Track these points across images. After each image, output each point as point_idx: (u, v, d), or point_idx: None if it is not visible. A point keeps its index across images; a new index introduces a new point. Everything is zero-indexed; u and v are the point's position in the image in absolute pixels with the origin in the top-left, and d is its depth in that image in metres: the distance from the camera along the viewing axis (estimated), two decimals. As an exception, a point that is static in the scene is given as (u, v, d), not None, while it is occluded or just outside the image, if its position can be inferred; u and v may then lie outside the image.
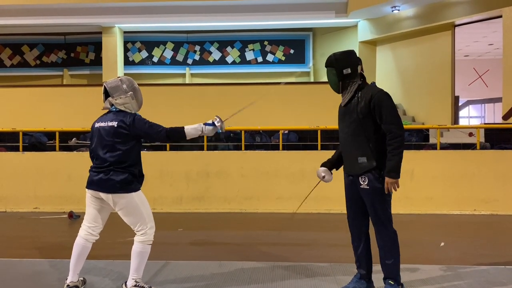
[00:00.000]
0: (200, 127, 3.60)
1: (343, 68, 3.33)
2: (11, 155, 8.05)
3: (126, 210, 3.50)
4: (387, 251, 3.31)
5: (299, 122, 9.06)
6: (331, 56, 3.44)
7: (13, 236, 5.89)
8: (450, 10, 10.91)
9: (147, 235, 3.49)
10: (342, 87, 3.38)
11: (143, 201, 3.57)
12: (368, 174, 3.26)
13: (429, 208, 7.21)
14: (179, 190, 7.66)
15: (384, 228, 3.31)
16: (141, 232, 3.49)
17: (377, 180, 3.25)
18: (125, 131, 3.48)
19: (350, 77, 3.35)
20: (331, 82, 3.42)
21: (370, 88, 3.35)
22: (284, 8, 12.55)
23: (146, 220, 3.52)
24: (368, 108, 3.25)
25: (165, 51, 14.62)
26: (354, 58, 3.40)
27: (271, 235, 5.77)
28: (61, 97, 10.67)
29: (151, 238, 3.51)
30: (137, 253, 3.47)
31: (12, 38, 14.74)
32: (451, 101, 11.24)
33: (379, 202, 3.28)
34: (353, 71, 3.34)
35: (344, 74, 3.33)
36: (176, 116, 9.89)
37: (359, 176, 3.31)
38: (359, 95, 3.32)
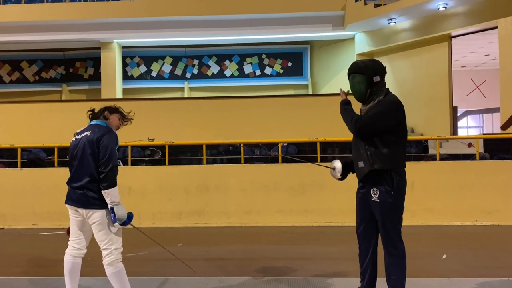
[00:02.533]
0: (116, 202, 3.26)
1: (373, 75, 3.19)
2: (9, 172, 8.01)
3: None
4: (393, 267, 3.24)
5: (298, 135, 9.07)
6: (358, 63, 3.30)
7: (12, 253, 5.82)
8: (446, 21, 11.02)
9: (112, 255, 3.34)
10: (370, 95, 3.23)
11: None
12: (380, 186, 3.17)
13: (430, 219, 7.17)
14: (178, 204, 7.62)
15: (393, 244, 3.22)
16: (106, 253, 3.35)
17: (389, 194, 3.15)
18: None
19: (379, 86, 3.22)
20: (357, 90, 3.25)
21: (389, 96, 3.23)
22: (281, 22, 12.68)
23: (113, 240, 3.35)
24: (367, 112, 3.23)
25: (164, 66, 14.70)
26: (382, 66, 3.28)
27: (271, 249, 5.72)
28: (60, 113, 10.69)
29: (119, 256, 3.37)
30: (113, 275, 3.34)
31: (11, 55, 14.84)
32: (449, 111, 11.28)
33: (389, 217, 3.20)
34: (381, 79, 3.23)
35: (374, 82, 3.19)
36: (175, 130, 9.91)
37: (371, 188, 3.23)
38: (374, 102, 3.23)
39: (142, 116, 11.45)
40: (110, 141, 3.33)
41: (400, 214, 3.24)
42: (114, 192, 3.25)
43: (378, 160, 3.14)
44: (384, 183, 3.17)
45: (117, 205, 3.25)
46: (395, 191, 3.16)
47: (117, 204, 3.25)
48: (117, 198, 3.26)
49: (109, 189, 3.22)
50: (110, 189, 3.23)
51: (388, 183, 3.17)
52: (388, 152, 3.15)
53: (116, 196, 3.26)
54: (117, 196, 3.26)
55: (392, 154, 3.16)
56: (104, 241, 3.34)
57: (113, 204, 3.24)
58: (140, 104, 11.18)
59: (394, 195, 3.16)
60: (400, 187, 3.20)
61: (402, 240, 3.27)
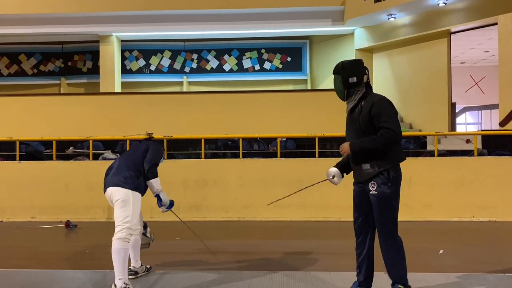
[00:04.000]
0: (160, 189, 4.13)
1: (349, 76, 3.39)
2: (7, 165, 8.01)
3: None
4: (392, 258, 3.35)
5: (296, 130, 9.07)
6: (338, 64, 3.49)
7: (10, 246, 5.83)
8: (446, 17, 11.00)
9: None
10: (347, 95, 3.44)
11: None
12: (376, 179, 3.29)
13: (427, 215, 7.20)
14: (176, 198, 7.47)
15: (390, 235, 3.33)
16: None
17: (385, 185, 3.28)
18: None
19: (355, 86, 3.40)
20: (337, 89, 3.48)
21: (372, 97, 3.39)
22: (281, 16, 12.63)
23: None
24: (369, 116, 3.30)
25: (163, 60, 14.66)
26: (361, 67, 3.45)
27: (269, 244, 5.74)
28: (59, 106, 10.66)
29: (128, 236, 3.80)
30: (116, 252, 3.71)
31: (9, 47, 14.76)
32: (448, 108, 11.28)
33: (386, 208, 3.30)
34: (358, 80, 3.39)
35: (350, 82, 3.39)
36: (173, 124, 9.90)
37: (368, 182, 3.33)
38: (362, 104, 3.37)
39: (140, 110, 11.51)
40: (159, 150, 4.30)
41: (397, 205, 3.35)
42: (156, 182, 4.07)
43: (384, 162, 3.28)
44: (381, 176, 3.29)
45: (161, 192, 4.08)
46: (392, 181, 3.29)
47: (161, 191, 4.09)
48: (159, 187, 4.08)
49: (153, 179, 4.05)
50: (154, 179, 4.05)
51: (385, 176, 3.29)
52: (391, 152, 3.29)
53: (159, 186, 4.09)
54: (159, 186, 4.09)
55: (393, 153, 3.31)
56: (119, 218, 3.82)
57: (158, 191, 4.08)
58: (139, 98, 11.16)
59: (391, 186, 3.28)
60: (396, 178, 3.32)
61: (397, 231, 3.37)
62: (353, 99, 3.42)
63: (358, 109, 3.38)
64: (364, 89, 3.42)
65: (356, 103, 3.40)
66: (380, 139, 3.22)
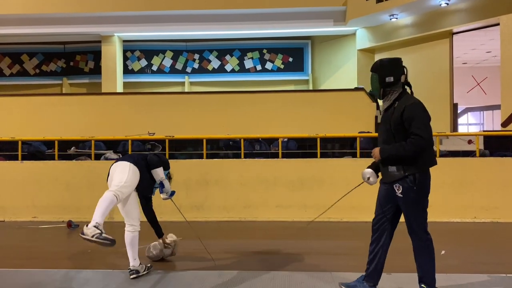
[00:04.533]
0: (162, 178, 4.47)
1: (386, 75, 3.38)
2: (10, 164, 8.02)
3: None
4: (419, 257, 3.40)
5: (298, 130, 9.07)
6: (377, 62, 3.50)
7: (11, 245, 5.84)
8: (448, 18, 10.99)
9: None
10: (383, 94, 3.44)
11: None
12: (402, 182, 3.31)
13: (429, 216, 7.16)
14: (178, 198, 7.56)
15: (417, 236, 3.38)
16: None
17: (411, 189, 3.29)
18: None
19: (392, 85, 3.39)
20: (373, 88, 3.49)
21: (406, 99, 3.36)
22: (282, 16, 12.64)
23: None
24: (400, 120, 3.30)
25: (164, 60, 14.67)
26: (399, 67, 3.43)
27: (270, 244, 5.74)
28: (61, 106, 10.67)
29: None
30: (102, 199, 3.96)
31: (11, 47, 14.80)
32: (449, 108, 11.27)
33: (412, 211, 3.34)
34: (395, 80, 3.38)
35: (386, 81, 3.38)
36: (175, 124, 9.90)
37: (393, 184, 3.37)
38: (396, 105, 3.37)
39: (142, 110, 11.51)
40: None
41: (423, 209, 3.36)
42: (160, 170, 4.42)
43: (410, 167, 3.29)
44: (407, 180, 3.29)
45: (164, 180, 4.43)
46: (417, 186, 3.28)
47: (164, 179, 4.43)
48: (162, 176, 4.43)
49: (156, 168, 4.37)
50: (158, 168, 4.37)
51: (410, 180, 3.29)
52: (419, 156, 3.27)
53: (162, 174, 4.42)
54: (162, 175, 4.42)
55: (422, 157, 3.28)
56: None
57: (160, 179, 4.42)
58: (141, 98, 11.16)
59: (417, 191, 3.29)
60: (422, 182, 3.31)
61: (427, 232, 3.40)
62: (389, 98, 3.41)
63: (391, 110, 3.38)
64: (401, 90, 3.41)
65: (391, 103, 3.40)
66: (409, 146, 3.23)
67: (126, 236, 4.21)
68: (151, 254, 4.77)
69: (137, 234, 4.24)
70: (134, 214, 4.23)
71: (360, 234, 6.38)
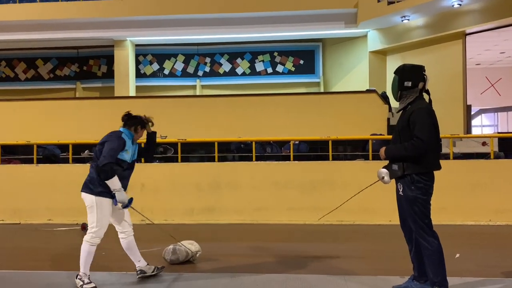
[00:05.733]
0: (116, 189, 3.96)
1: (405, 79, 3.55)
2: (25, 168, 8.15)
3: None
4: (427, 259, 3.46)
5: (309, 133, 9.05)
6: (400, 66, 3.68)
7: (27, 247, 5.93)
8: (461, 19, 10.88)
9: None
10: (400, 96, 3.61)
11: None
12: (402, 181, 3.50)
13: (442, 218, 7.09)
14: (190, 201, 7.68)
15: (421, 236, 3.48)
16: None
17: (409, 188, 3.46)
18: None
19: (409, 90, 3.55)
20: (392, 89, 3.67)
21: (417, 104, 3.52)
22: (293, 19, 12.65)
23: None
24: (407, 122, 3.47)
25: (176, 64, 14.78)
26: (419, 74, 3.57)
27: (283, 247, 5.74)
28: (74, 110, 10.81)
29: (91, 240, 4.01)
30: (81, 249, 4.02)
31: (26, 53, 15.06)
32: (463, 110, 11.15)
33: (413, 210, 3.46)
34: (413, 86, 3.54)
35: (404, 85, 3.55)
36: (187, 128, 9.96)
37: (397, 183, 3.57)
38: (408, 109, 3.55)
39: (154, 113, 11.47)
40: (114, 142, 4.03)
41: (423, 209, 3.47)
42: (111, 183, 3.92)
43: (411, 166, 3.44)
44: (406, 180, 3.47)
45: (117, 191, 3.93)
46: (415, 186, 3.43)
47: (118, 190, 3.93)
48: (115, 186, 3.92)
49: (106, 180, 3.91)
50: (108, 180, 3.91)
51: (409, 180, 3.46)
52: (423, 159, 3.42)
53: (114, 184, 3.92)
54: (115, 185, 3.92)
55: (424, 160, 3.43)
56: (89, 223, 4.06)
57: (114, 191, 3.94)
58: (153, 101, 11.26)
59: (414, 190, 3.44)
60: (421, 183, 3.45)
61: (431, 234, 3.48)
62: (404, 101, 3.58)
63: (403, 112, 3.58)
64: (417, 95, 3.55)
65: (404, 106, 3.58)
66: (410, 148, 3.41)
67: (122, 243, 4.22)
68: (168, 258, 4.79)
69: (132, 238, 4.22)
70: (124, 221, 4.19)
71: (373, 237, 6.35)
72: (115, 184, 3.92)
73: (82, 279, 3.97)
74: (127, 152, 4.08)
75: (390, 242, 5.65)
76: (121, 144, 4.02)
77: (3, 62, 15.32)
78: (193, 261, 4.88)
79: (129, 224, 4.22)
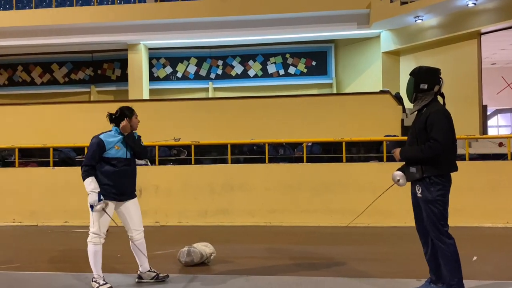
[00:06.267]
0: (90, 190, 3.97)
1: (421, 82, 3.55)
2: (42, 171, 8.28)
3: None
4: (444, 261, 3.45)
5: (322, 134, 9.02)
6: (416, 68, 3.68)
7: (44, 249, 6.02)
8: (476, 18, 10.75)
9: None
10: (415, 98, 3.61)
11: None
12: (420, 183, 3.48)
13: (458, 220, 6.96)
14: (203, 203, 7.71)
15: (438, 238, 3.47)
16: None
17: (428, 190, 3.45)
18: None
19: (424, 92, 3.56)
20: (407, 91, 3.67)
21: (432, 107, 3.53)
22: (306, 21, 12.64)
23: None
24: (424, 125, 3.47)
25: (189, 67, 14.89)
26: (435, 77, 3.58)
27: (296, 249, 5.72)
28: (89, 113, 10.95)
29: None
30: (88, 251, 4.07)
31: (42, 57, 15.32)
32: (478, 110, 11.00)
33: (432, 211, 3.45)
34: (428, 88, 3.54)
35: (420, 88, 3.55)
36: (200, 130, 10.01)
37: (414, 185, 3.55)
38: (423, 111, 3.55)
39: (168, 116, 11.68)
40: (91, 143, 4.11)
41: (442, 210, 3.47)
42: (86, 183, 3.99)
43: (429, 168, 3.45)
44: (424, 182, 3.46)
45: (89, 194, 3.97)
46: (434, 188, 3.43)
47: (89, 193, 3.97)
48: (87, 188, 3.97)
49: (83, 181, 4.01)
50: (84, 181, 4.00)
51: (427, 182, 3.45)
52: (440, 160, 3.43)
53: (87, 186, 3.98)
54: (87, 187, 3.97)
55: (442, 161, 3.44)
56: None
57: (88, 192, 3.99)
58: (166, 104, 11.34)
59: (433, 192, 3.44)
60: (439, 184, 3.45)
61: (447, 235, 3.48)
62: (419, 103, 3.59)
63: (419, 115, 3.59)
64: (432, 97, 3.56)
65: (420, 108, 3.58)
66: (426, 150, 3.41)
67: (130, 244, 4.25)
68: (183, 259, 4.81)
69: (140, 240, 4.20)
70: (133, 223, 4.17)
71: (387, 239, 6.30)
72: (87, 186, 3.97)
73: (97, 281, 4.01)
74: (116, 148, 4.07)
75: (405, 244, 5.60)
76: (95, 144, 4.05)
77: (19, 67, 15.61)
78: (208, 263, 4.89)
79: (139, 226, 4.19)
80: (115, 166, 4.05)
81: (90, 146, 4.09)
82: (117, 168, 4.05)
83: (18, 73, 15.62)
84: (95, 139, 4.12)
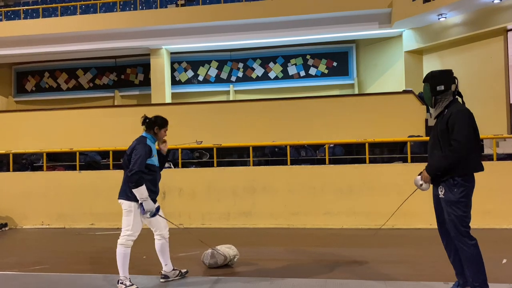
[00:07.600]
0: (143, 198, 4.02)
1: (437, 84, 3.57)
2: (69, 174, 8.49)
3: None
4: (467, 262, 3.41)
5: (344, 135, 8.94)
6: (428, 73, 3.71)
7: (72, 251, 6.17)
8: (501, 14, 10.47)
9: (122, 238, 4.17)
10: (435, 102, 3.63)
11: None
12: (444, 184, 3.46)
13: (487, 222, 6.83)
14: (226, 205, 7.76)
15: (460, 239, 3.42)
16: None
17: (451, 191, 3.42)
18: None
19: (442, 94, 3.58)
20: (426, 97, 3.69)
21: (454, 107, 3.51)
22: (326, 21, 12.57)
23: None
24: (445, 126, 3.45)
25: (210, 70, 15.01)
26: (449, 76, 3.61)
27: (320, 251, 5.69)
28: (113, 118, 11.18)
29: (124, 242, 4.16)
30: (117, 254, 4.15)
31: (68, 63, 15.73)
32: (506, 109, 10.70)
33: (453, 213, 3.41)
34: (446, 89, 3.57)
35: (437, 90, 3.58)
36: (221, 133, 10.08)
37: (438, 186, 3.52)
38: (445, 113, 3.55)
39: (190, 119, 11.82)
40: (140, 149, 4.06)
41: (465, 211, 3.42)
42: (139, 192, 3.98)
43: (453, 169, 3.41)
44: (448, 183, 3.43)
45: (144, 201, 3.99)
46: (458, 188, 3.40)
47: (144, 199, 3.99)
48: (142, 195, 3.98)
49: (134, 188, 3.98)
50: (135, 189, 3.97)
51: (451, 182, 3.42)
52: (465, 161, 3.40)
53: (141, 193, 3.98)
54: (142, 194, 3.98)
55: (466, 162, 3.41)
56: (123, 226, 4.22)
57: (141, 200, 4.00)
58: (188, 108, 11.47)
59: (457, 193, 3.40)
60: (464, 185, 3.41)
61: (470, 236, 3.43)
62: (440, 105, 3.60)
63: (441, 116, 3.56)
64: (451, 98, 3.57)
65: (442, 110, 3.58)
66: (449, 155, 3.40)
67: (156, 244, 4.37)
68: (207, 261, 4.85)
69: (165, 241, 4.35)
70: (159, 225, 4.31)
71: (413, 241, 6.19)
72: (143, 193, 3.98)
73: (124, 282, 4.09)
74: (155, 156, 4.22)
75: (431, 246, 5.49)
76: (147, 151, 4.09)
77: (46, 73, 16.06)
78: (231, 265, 4.91)
79: (165, 227, 4.35)
80: (154, 172, 4.20)
81: (140, 150, 4.04)
82: (155, 175, 4.22)
83: (45, 79, 16.07)
84: (144, 146, 4.09)
